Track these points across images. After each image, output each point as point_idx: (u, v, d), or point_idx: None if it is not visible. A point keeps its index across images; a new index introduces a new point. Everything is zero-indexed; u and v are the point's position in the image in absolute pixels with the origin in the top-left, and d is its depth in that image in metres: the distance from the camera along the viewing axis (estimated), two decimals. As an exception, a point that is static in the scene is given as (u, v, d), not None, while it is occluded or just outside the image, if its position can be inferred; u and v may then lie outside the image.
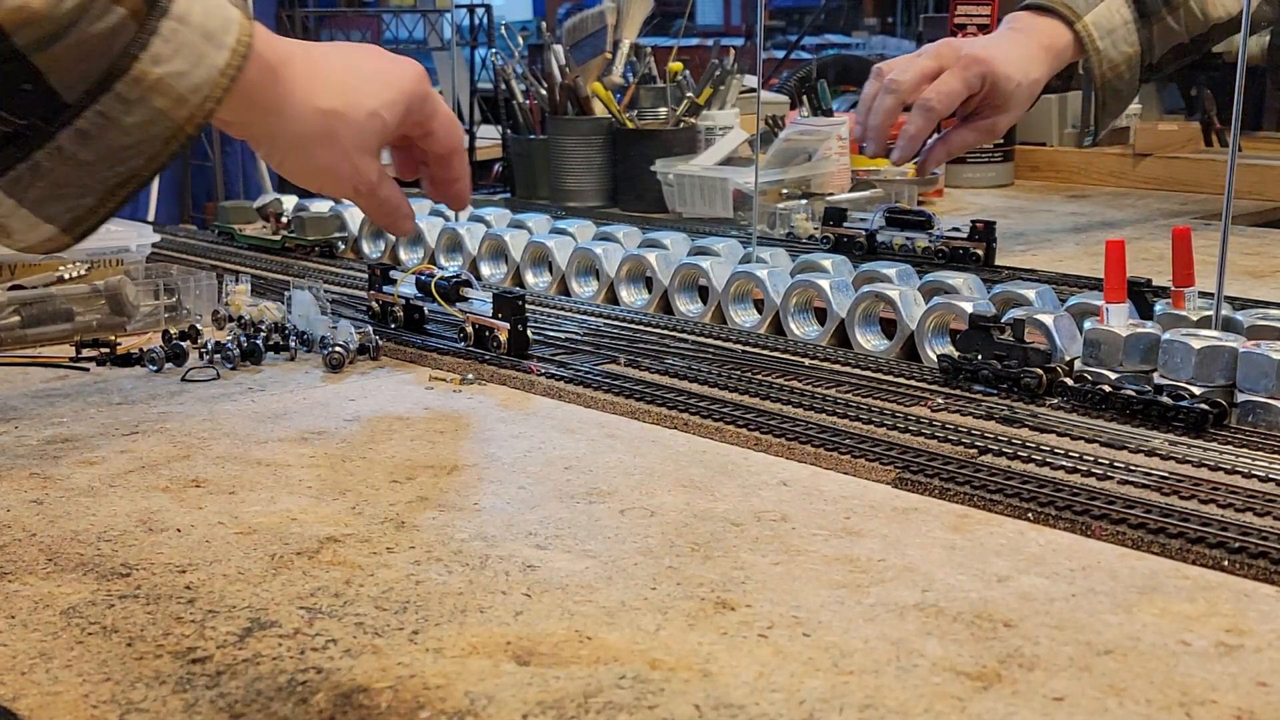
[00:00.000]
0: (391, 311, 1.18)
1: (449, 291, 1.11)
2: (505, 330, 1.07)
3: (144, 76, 0.78)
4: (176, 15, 0.79)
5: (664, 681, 0.56)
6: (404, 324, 1.17)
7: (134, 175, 0.81)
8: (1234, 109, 0.94)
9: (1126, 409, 0.89)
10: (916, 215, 1.42)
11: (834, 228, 1.46)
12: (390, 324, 1.17)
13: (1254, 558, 0.67)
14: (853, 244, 1.43)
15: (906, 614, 0.63)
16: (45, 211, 0.80)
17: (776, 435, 0.86)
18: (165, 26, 0.79)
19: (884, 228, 1.42)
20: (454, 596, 0.65)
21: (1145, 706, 0.54)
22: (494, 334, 1.07)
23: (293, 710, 0.55)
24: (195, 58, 0.81)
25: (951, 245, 1.38)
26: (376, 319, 1.19)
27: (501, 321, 1.07)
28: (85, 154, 0.79)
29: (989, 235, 1.37)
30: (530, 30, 4.59)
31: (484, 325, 1.09)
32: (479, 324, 1.09)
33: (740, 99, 1.89)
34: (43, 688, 0.57)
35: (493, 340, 1.08)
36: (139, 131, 0.79)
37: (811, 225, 1.56)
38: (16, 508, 0.77)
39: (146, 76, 0.78)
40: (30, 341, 1.14)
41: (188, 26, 0.80)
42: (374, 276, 1.19)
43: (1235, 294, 1.16)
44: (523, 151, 1.95)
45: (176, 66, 0.80)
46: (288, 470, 0.83)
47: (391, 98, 0.98)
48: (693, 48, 2.86)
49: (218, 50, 0.82)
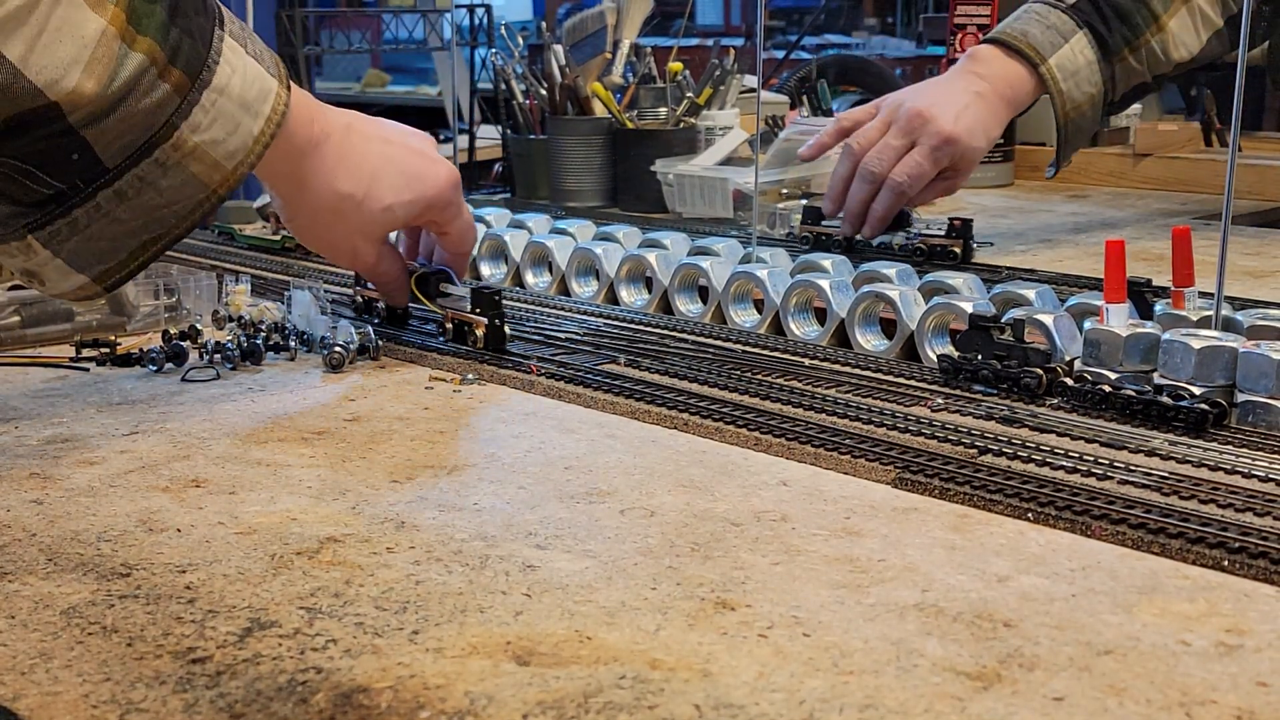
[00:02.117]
0: (375, 307, 1.18)
1: (429, 289, 1.12)
2: (483, 325, 1.07)
3: (183, 144, 0.82)
4: (217, 86, 0.83)
5: (664, 681, 0.56)
6: (386, 319, 1.17)
7: (166, 233, 0.85)
8: (1234, 109, 0.94)
9: (1126, 409, 0.89)
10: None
11: (812, 226, 1.48)
12: (374, 319, 1.18)
13: (1254, 558, 0.67)
14: (831, 242, 1.45)
15: (906, 614, 0.63)
16: (78, 263, 0.84)
17: (776, 435, 0.86)
18: (206, 97, 0.83)
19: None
20: (454, 596, 0.65)
21: (1145, 706, 0.54)
22: (472, 329, 1.08)
23: (293, 710, 0.55)
24: (232, 126, 0.84)
25: (929, 243, 1.40)
26: (360, 314, 1.19)
27: (479, 316, 1.07)
28: (121, 212, 0.82)
29: (966, 233, 1.38)
30: (530, 30, 4.59)
31: (462, 320, 1.09)
32: (458, 319, 1.10)
33: (740, 99, 1.89)
34: (43, 688, 0.57)
35: (470, 335, 1.08)
36: (174, 193, 0.83)
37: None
38: (16, 508, 0.77)
39: (185, 144, 0.82)
40: (30, 341, 1.14)
41: (227, 97, 0.84)
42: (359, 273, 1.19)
43: (1235, 294, 1.16)
44: (523, 151, 1.95)
45: (214, 134, 0.83)
46: (288, 470, 0.83)
47: (411, 198, 1.04)
48: (693, 48, 2.86)
49: (253, 119, 0.85)
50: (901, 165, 1.40)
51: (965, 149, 1.41)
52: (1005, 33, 1.48)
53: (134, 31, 0.79)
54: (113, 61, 0.78)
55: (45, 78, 0.76)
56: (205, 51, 0.82)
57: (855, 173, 1.42)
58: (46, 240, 0.81)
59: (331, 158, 0.98)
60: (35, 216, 0.81)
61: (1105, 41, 1.47)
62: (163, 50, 0.80)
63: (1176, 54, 1.50)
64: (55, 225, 0.81)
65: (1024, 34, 1.46)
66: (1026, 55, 1.45)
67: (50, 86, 0.76)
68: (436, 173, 1.05)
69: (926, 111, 1.41)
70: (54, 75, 0.76)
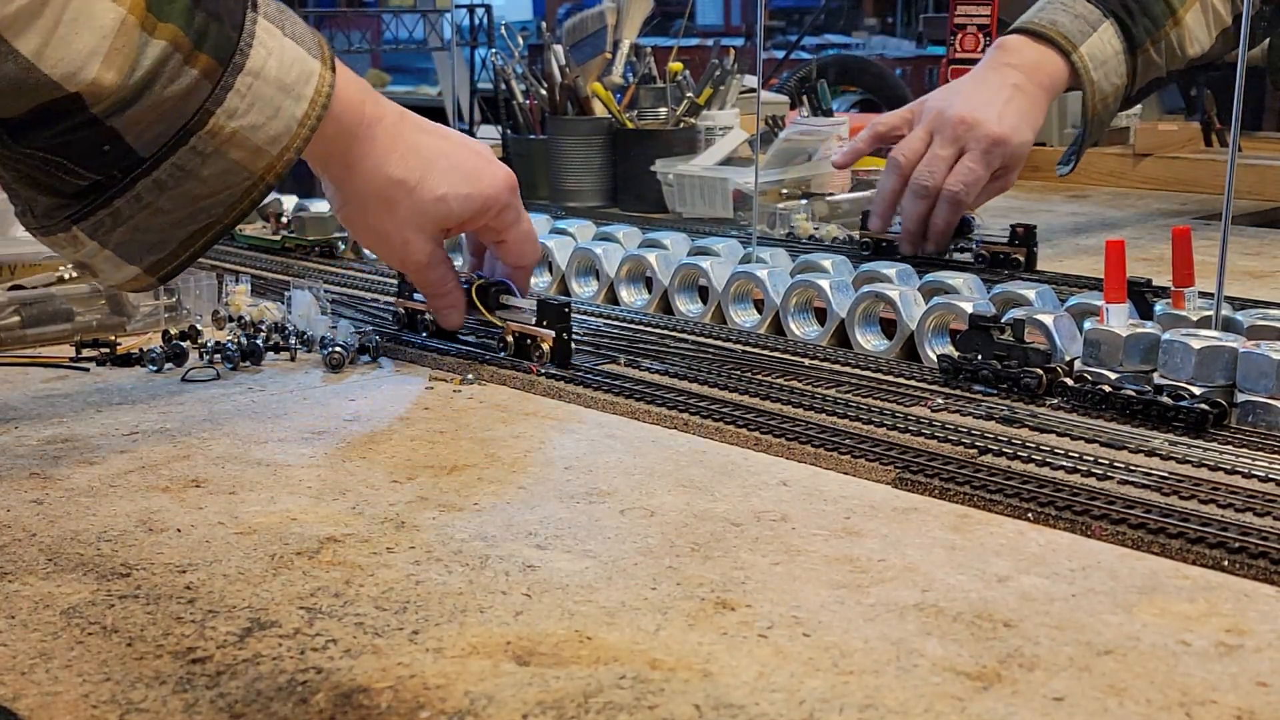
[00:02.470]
0: (421, 320, 1.11)
1: (489, 300, 1.06)
2: (550, 340, 1.01)
3: (219, 130, 0.80)
4: (252, 70, 0.81)
5: (664, 681, 0.56)
6: (434, 333, 1.11)
7: (215, 222, 0.83)
8: (1234, 109, 0.94)
9: (1126, 409, 0.89)
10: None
11: (870, 231, 1.42)
12: (421, 332, 1.11)
13: (1254, 558, 0.67)
14: (891, 248, 1.41)
15: (906, 614, 0.63)
16: (128, 254, 0.83)
17: (776, 435, 0.86)
18: (240, 81, 0.80)
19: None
20: (454, 596, 0.65)
21: (1145, 706, 0.54)
22: (537, 342, 1.02)
23: (293, 710, 0.55)
24: (272, 110, 0.82)
25: (992, 250, 1.36)
26: (405, 327, 1.13)
27: (546, 330, 1.02)
28: (164, 203, 0.81)
29: (1030, 240, 1.34)
30: (530, 30, 4.59)
31: (527, 334, 1.03)
32: (521, 332, 1.04)
33: (740, 99, 1.89)
34: (43, 688, 0.57)
35: (535, 349, 1.02)
36: (216, 182, 0.81)
37: (811, 225, 1.56)
38: (16, 508, 0.77)
39: (221, 130, 0.80)
40: (30, 341, 1.14)
41: (263, 80, 0.81)
42: (404, 282, 1.12)
43: (1235, 294, 1.16)
44: (523, 151, 1.95)
45: (252, 120, 0.81)
46: (288, 470, 0.83)
47: (468, 192, 0.99)
48: (693, 48, 2.87)
49: (295, 102, 0.83)
50: (955, 174, 1.35)
51: (1015, 147, 1.37)
52: (1033, 22, 1.44)
53: (155, 19, 0.77)
54: (133, 51, 0.76)
55: (62, 70, 0.74)
56: (236, 35, 0.80)
57: (904, 188, 1.37)
58: (91, 231, 0.80)
59: (384, 142, 0.94)
60: (77, 208, 0.79)
61: (1130, 32, 1.44)
62: (187, 36, 0.78)
63: (1190, 49, 1.47)
64: (98, 216, 0.79)
65: (1053, 23, 1.43)
66: (1057, 43, 1.41)
67: (69, 79, 0.74)
68: (494, 172, 1.01)
69: (970, 116, 1.36)
70: (71, 68, 0.74)
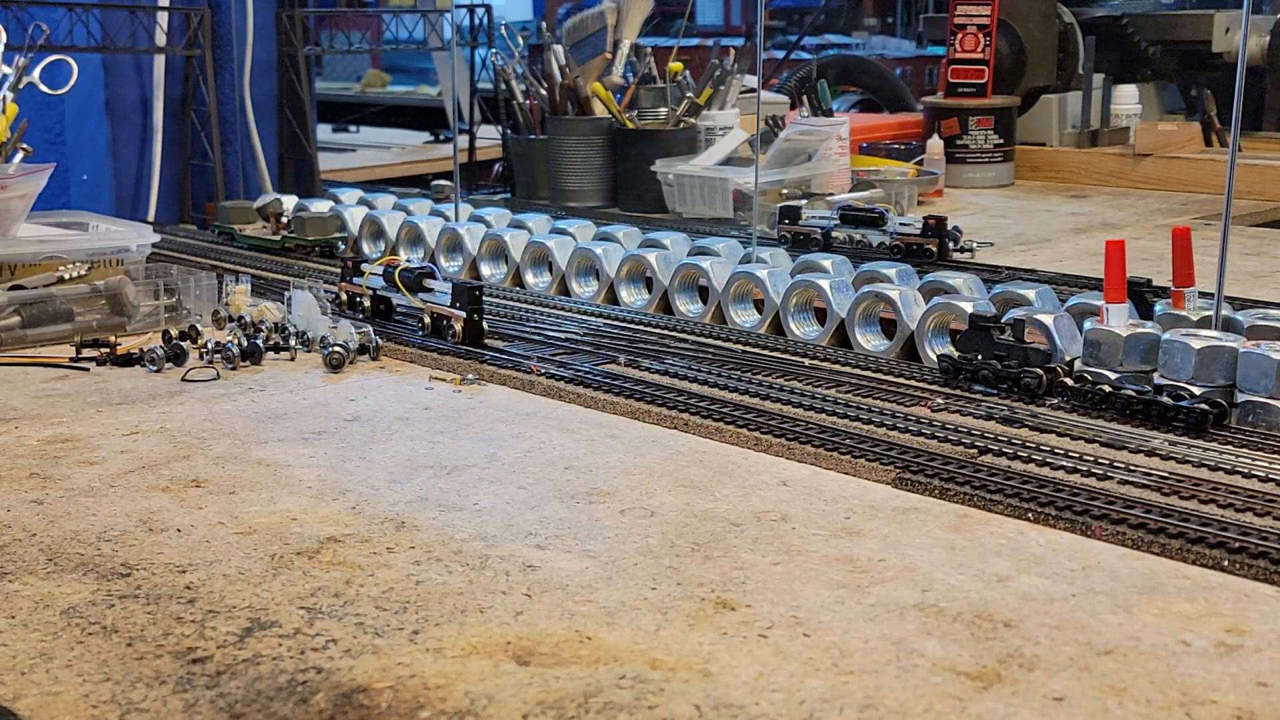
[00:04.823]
0: (359, 302, 1.21)
1: (412, 282, 1.14)
2: (461, 319, 1.09)
3: None
4: None
5: (664, 681, 0.56)
6: (371, 314, 1.20)
7: None
8: (1234, 109, 0.94)
9: (1126, 409, 0.89)
10: (870, 212, 1.44)
11: (789, 226, 1.48)
12: (358, 314, 1.20)
13: (1254, 558, 0.67)
14: (809, 241, 1.46)
15: (906, 614, 0.63)
16: None
17: (776, 435, 0.86)
18: None
19: (839, 225, 1.45)
20: (454, 596, 0.65)
21: (1145, 706, 0.54)
22: (450, 323, 1.10)
23: (293, 710, 0.55)
24: None
25: (906, 241, 1.40)
26: (345, 309, 1.22)
27: (458, 311, 1.09)
28: None
29: (941, 231, 1.39)
30: (530, 30, 4.59)
31: (441, 315, 1.11)
32: (436, 313, 1.11)
33: (740, 99, 1.89)
34: (43, 688, 0.57)
35: (449, 329, 1.10)
36: None
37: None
38: (16, 508, 0.77)
39: None
40: (30, 341, 1.14)
41: None
42: (345, 269, 1.22)
43: (1235, 294, 1.16)
44: (523, 151, 1.95)
45: None
46: (288, 470, 0.83)
47: None
48: (693, 48, 2.87)
49: None
50: None
51: None
52: None
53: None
54: None
55: None
56: None
57: None
58: None
59: None
60: None
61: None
62: None
63: None
64: None
65: None
66: None
67: None
68: None
69: None
70: None
